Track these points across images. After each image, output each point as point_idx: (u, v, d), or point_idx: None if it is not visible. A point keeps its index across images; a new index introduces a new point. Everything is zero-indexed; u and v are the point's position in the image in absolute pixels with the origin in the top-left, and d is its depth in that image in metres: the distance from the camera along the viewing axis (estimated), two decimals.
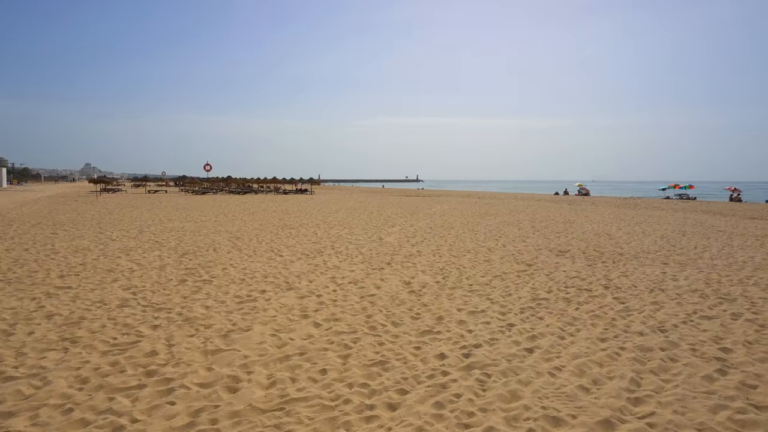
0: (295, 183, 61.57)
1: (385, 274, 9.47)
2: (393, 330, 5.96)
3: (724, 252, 12.75)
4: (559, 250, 12.90)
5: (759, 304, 7.32)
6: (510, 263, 10.74)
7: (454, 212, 26.96)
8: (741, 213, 29.25)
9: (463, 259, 11.19)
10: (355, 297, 7.63)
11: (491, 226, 18.94)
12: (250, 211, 26.29)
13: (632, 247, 13.56)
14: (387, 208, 29.72)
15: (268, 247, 12.86)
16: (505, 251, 12.51)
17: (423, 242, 14.14)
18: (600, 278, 9.15)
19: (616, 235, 16.57)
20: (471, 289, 8.20)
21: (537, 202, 41.15)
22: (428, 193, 67.88)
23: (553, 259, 11.32)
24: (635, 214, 26.98)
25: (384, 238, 14.93)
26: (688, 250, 13.10)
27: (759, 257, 11.94)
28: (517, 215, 25.10)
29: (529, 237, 15.64)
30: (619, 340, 5.62)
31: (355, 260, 11.00)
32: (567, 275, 9.42)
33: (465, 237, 15.46)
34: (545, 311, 6.82)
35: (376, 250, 12.46)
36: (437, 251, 12.42)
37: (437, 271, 9.73)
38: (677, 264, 10.85)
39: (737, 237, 16.43)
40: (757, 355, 5.12)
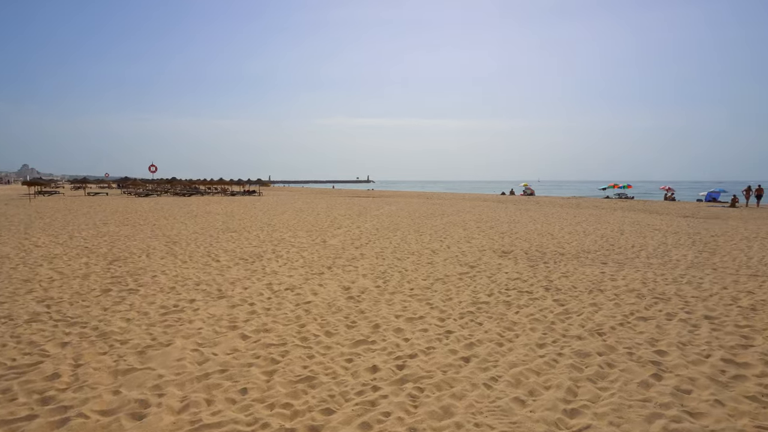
0: (242, 184, 59.99)
1: (324, 279, 9.10)
2: (326, 341, 5.61)
3: (659, 250, 13.10)
4: (503, 251, 12.90)
5: (692, 303, 7.43)
6: (453, 265, 10.60)
7: (401, 213, 26.84)
8: (675, 211, 30.57)
9: (406, 262, 10.96)
10: (290, 305, 7.23)
11: (437, 227, 18.88)
12: (193, 214, 25.25)
13: (573, 246, 13.75)
14: (334, 210, 29.29)
15: (205, 252, 12.22)
16: (449, 253, 12.38)
17: (367, 244, 13.85)
18: (541, 279, 9.12)
19: (558, 234, 16.82)
20: (411, 293, 7.96)
21: (484, 202, 41.72)
22: (378, 193, 67.78)
23: (496, 261, 11.26)
24: (577, 214, 27.69)
25: (328, 241, 14.54)
26: (626, 249, 13.40)
27: (691, 255, 12.32)
28: (463, 215, 25.24)
29: (474, 238, 15.63)
30: (557, 345, 5.49)
31: (296, 265, 10.57)
32: (509, 277, 9.35)
33: (410, 238, 15.28)
34: (485, 316, 6.65)
35: (318, 254, 12.06)
36: (381, 254, 12.15)
37: (379, 275, 9.45)
38: (615, 263, 11.01)
39: (671, 235, 17.01)
40: (690, 357, 5.09)
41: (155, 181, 58.84)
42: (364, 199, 45.26)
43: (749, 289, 8.50)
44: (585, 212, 29.36)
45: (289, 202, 39.57)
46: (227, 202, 39.37)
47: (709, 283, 8.90)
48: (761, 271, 10.23)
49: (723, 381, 4.51)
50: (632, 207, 35.35)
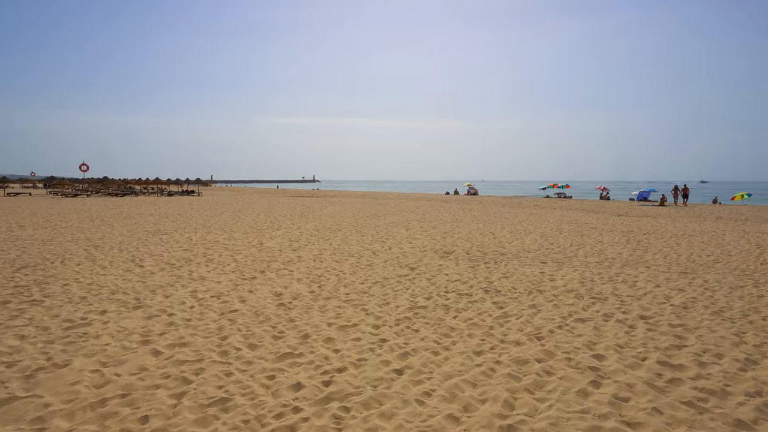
0: (180, 184, 57.70)
1: (255, 284, 8.54)
2: (248, 355, 5.11)
3: (596, 249, 13.31)
4: (444, 251, 12.72)
5: (627, 302, 7.42)
6: (393, 267, 10.28)
7: (345, 213, 26.39)
8: (610, 210, 31.68)
9: (344, 264, 10.54)
10: (214, 314, 6.66)
11: (380, 228, 18.57)
12: (122, 216, 23.80)
13: (514, 246, 13.76)
14: (276, 210, 28.48)
15: (129, 257, 11.34)
16: (390, 254, 12.07)
17: (306, 246, 13.33)
18: (481, 281, 8.94)
19: (499, 234, 16.88)
20: (347, 299, 7.55)
21: (428, 202, 41.90)
22: (323, 193, 66.98)
23: (437, 262, 11.04)
24: (518, 213, 28.16)
25: (265, 243, 13.91)
26: (565, 248, 13.53)
27: (626, 253, 12.57)
28: (407, 215, 25.09)
29: (416, 238, 15.41)
30: (495, 352, 5.24)
31: (227, 269, 9.94)
32: (449, 279, 9.11)
33: (351, 239, 14.88)
34: (422, 322, 6.33)
35: (252, 257, 11.44)
36: (319, 256, 11.68)
37: (314, 279, 8.99)
38: (554, 263, 11.03)
39: (607, 233, 17.44)
40: (628, 361, 4.96)
41: (86, 181, 55.61)
42: (308, 199, 44.47)
43: (680, 286, 8.63)
44: (526, 211, 29.93)
45: (230, 202, 38.28)
46: (163, 202, 37.61)
47: (644, 282, 8.99)
48: (690, 268, 10.49)
49: (660, 386, 4.37)
50: (570, 206, 36.43)
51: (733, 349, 5.32)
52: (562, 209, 32.70)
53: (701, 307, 7.18)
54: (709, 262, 11.31)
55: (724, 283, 8.98)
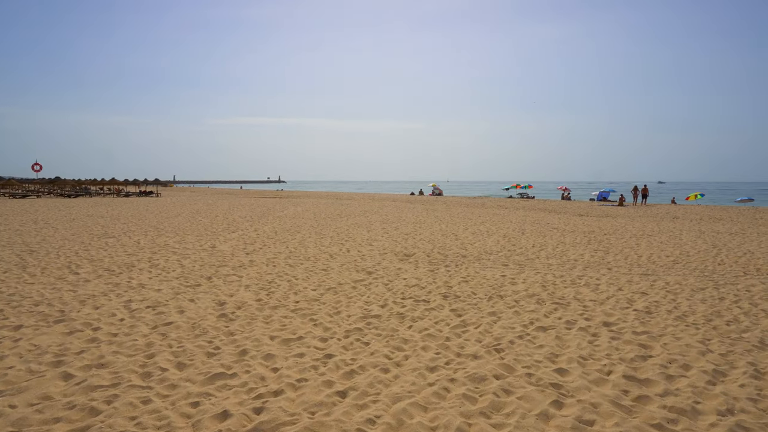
0: (138, 185, 55.65)
1: (199, 292, 7.89)
2: (173, 377, 4.52)
3: (558, 250, 13.12)
4: (405, 253, 12.29)
5: (590, 308, 7.12)
6: (349, 272, 9.77)
7: (306, 214, 25.72)
8: (571, 211, 31.97)
9: (298, 269, 9.97)
10: (146, 328, 6.01)
11: (341, 229, 18.02)
12: (71, 218, 22.53)
13: (476, 248, 13.45)
14: (235, 211, 27.56)
15: (65, 263, 10.47)
16: (348, 257, 11.55)
17: (261, 249, 12.68)
18: (440, 285, 8.52)
19: (462, 235, 16.58)
20: (296, 307, 7.00)
21: (393, 202, 41.54)
22: (287, 194, 65.84)
23: (396, 265, 10.59)
24: (482, 213, 28.05)
25: (217, 246, 13.18)
26: (527, 249, 13.30)
27: (588, 254, 12.40)
28: (370, 216, 24.61)
29: (376, 240, 14.94)
30: (450, 367, 4.80)
31: (170, 275, 9.23)
32: (407, 284, 8.66)
33: (309, 242, 14.29)
34: (374, 333, 5.85)
35: (201, 262, 10.74)
36: (273, 260, 11.07)
37: (264, 286, 8.39)
38: (516, 265, 10.73)
39: (569, 234, 17.37)
40: (592, 376, 4.59)
41: (36, 182, 53.00)
42: (270, 200, 43.48)
43: (642, 289, 8.42)
44: (489, 212, 29.87)
45: (189, 203, 37.01)
46: (118, 203, 36.06)
47: (606, 284, 8.75)
48: (651, 270, 10.35)
49: (626, 405, 4.01)
50: (533, 206, 36.65)
51: (699, 358, 5.03)
52: (524, 209, 32.83)
53: (664, 311, 6.94)
54: (668, 263, 11.22)
55: (685, 285, 8.82)
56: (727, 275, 9.79)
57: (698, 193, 45.27)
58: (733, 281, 9.19)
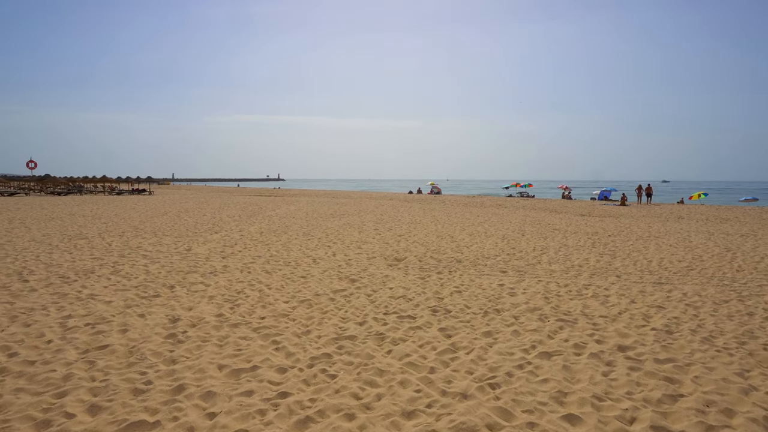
0: (131, 182, 54.60)
1: (154, 305, 6.93)
2: (77, 427, 3.55)
3: (561, 254, 12.16)
4: (395, 258, 11.33)
5: (601, 326, 6.15)
6: (330, 279, 8.80)
7: (299, 213, 24.75)
8: (572, 210, 31.01)
9: (275, 276, 9.01)
10: (74, 352, 5.04)
11: (331, 230, 17.05)
12: (50, 217, 21.54)
13: (473, 251, 12.48)
14: (225, 210, 26.58)
15: (17, 268, 9.48)
16: (332, 262, 10.59)
17: (240, 252, 11.72)
18: (430, 297, 7.55)
19: (458, 237, 15.62)
20: (260, 325, 6.03)
21: (390, 201, 40.58)
22: (283, 192, 64.86)
23: (383, 271, 9.63)
24: (480, 213, 27.09)
25: (194, 249, 12.22)
26: (527, 252, 12.34)
27: (593, 259, 11.44)
28: (364, 216, 23.64)
29: (367, 242, 13.98)
30: (432, 412, 3.83)
31: (130, 283, 8.27)
32: (392, 294, 7.70)
33: (294, 244, 13.33)
34: (344, 361, 4.88)
35: (170, 267, 9.78)
36: (250, 265, 10.10)
37: (231, 297, 7.43)
38: (516, 272, 9.77)
39: (571, 235, 16.41)
40: (611, 426, 3.63)
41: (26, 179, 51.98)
42: (264, 198, 42.51)
43: (658, 302, 7.45)
44: (488, 211, 28.91)
45: (180, 201, 36.03)
46: (106, 201, 35.07)
47: (616, 296, 7.79)
48: (664, 277, 9.40)
49: None
50: (533, 206, 35.69)
51: (742, 400, 4.07)
52: (524, 209, 31.87)
53: (687, 331, 5.97)
54: (682, 269, 10.26)
55: (705, 296, 7.85)
56: (749, 285, 8.82)
57: (702, 193, 44.28)
58: (758, 292, 8.22)
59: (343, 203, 35.38)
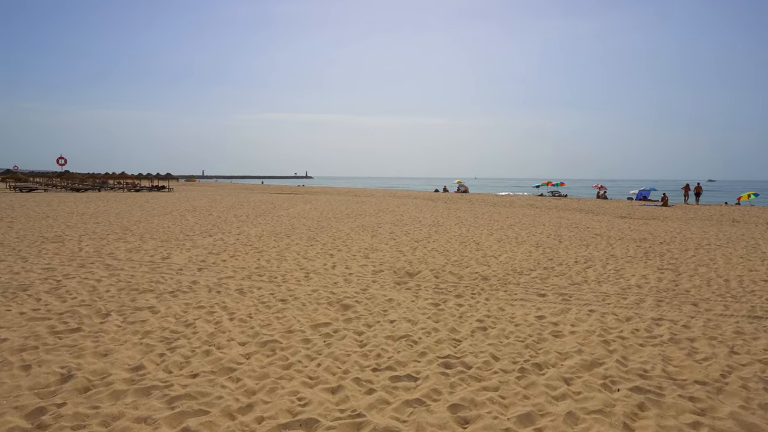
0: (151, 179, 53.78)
1: (59, 346, 5.02)
2: None
3: (610, 268, 9.93)
4: (407, 271, 9.30)
5: (703, 401, 3.99)
6: (317, 304, 6.82)
7: (312, 213, 22.90)
8: (611, 211, 28.41)
9: (247, 299, 7.07)
10: None
11: (341, 233, 15.09)
12: (44, 215, 20.21)
13: (502, 263, 10.35)
14: (236, 209, 24.92)
15: None
16: (327, 278, 8.61)
17: (222, 263, 9.86)
18: (443, 339, 5.47)
19: (485, 243, 13.47)
20: (183, 391, 4.06)
21: (414, 200, 38.50)
22: (306, 190, 63.33)
23: (388, 293, 7.60)
24: (510, 214, 24.80)
25: (173, 257, 10.42)
26: (569, 265, 10.15)
27: (653, 277, 9.18)
28: (382, 216, 21.64)
29: (378, 249, 11.97)
30: None
31: (58, 308, 6.43)
32: (392, 332, 5.66)
33: (292, 251, 11.40)
34: None
35: (127, 282, 7.96)
36: (224, 281, 8.21)
37: (172, 333, 5.50)
38: (558, 295, 7.62)
39: (617, 242, 14.09)
40: None
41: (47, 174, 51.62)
42: (283, 197, 40.89)
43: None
44: (519, 212, 26.57)
45: (194, 199, 34.67)
46: (120, 199, 33.93)
47: (705, 340, 5.58)
48: (758, 307, 7.11)
49: None
50: (567, 206, 33.12)
51: None
52: (558, 209, 29.39)
53: None
54: None
55: None
56: None
57: (752, 193, 40.80)
58: None
59: (364, 202, 33.46)
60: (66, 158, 52.54)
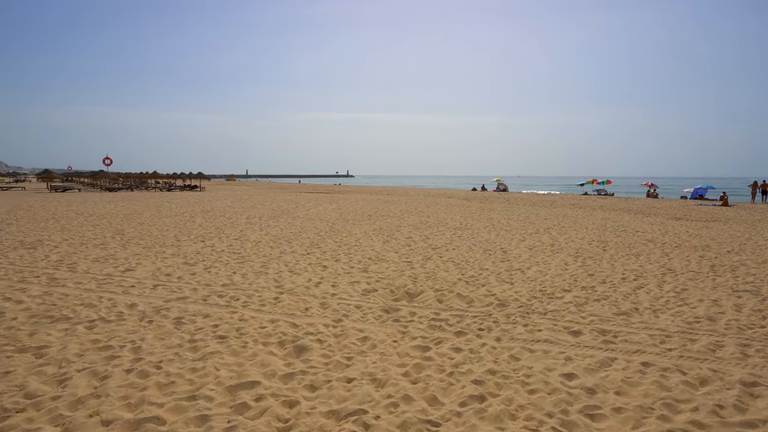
0: (183, 178, 53.62)
1: None
2: None
3: (668, 289, 7.76)
4: (407, 291, 7.44)
5: None
6: (266, 346, 5.05)
7: (330, 214, 21.27)
8: (663, 212, 25.59)
9: (177, 334, 5.37)
10: None
11: (351, 237, 13.32)
12: (50, 217, 19.41)
13: (528, 279, 8.33)
14: (254, 210, 23.58)
15: None
16: (301, 301, 6.83)
17: (187, 277, 8.26)
18: (409, 424, 3.59)
19: (513, 251, 11.43)
20: None
21: (448, 199, 36.42)
22: (340, 189, 61.99)
23: (366, 327, 5.76)
24: (549, 215, 22.45)
25: (136, 270, 8.92)
26: (615, 284, 8.04)
27: (728, 304, 6.97)
28: (406, 218, 19.76)
29: (384, 259, 10.15)
30: None
31: None
32: (337, 407, 3.80)
33: (279, 262, 9.72)
34: None
35: (42, 307, 6.43)
36: (166, 305, 6.56)
37: (5, 409, 3.85)
38: (598, 333, 5.58)
39: (674, 251, 11.77)
40: None
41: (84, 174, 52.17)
42: (311, 196, 39.54)
43: None
44: (559, 212, 24.16)
45: (218, 199, 33.74)
46: (145, 198, 33.34)
47: None
48: None
49: None
50: (613, 206, 30.32)
51: None
52: (603, 210, 26.75)
53: None
54: None
55: None
56: None
57: None
58: None
59: (393, 201, 31.65)
60: (112, 158, 53.00)
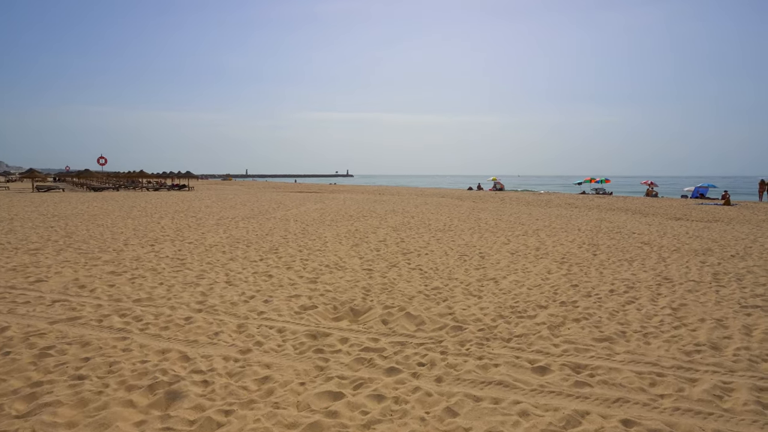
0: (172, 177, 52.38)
1: None
2: None
3: (663, 303, 6.54)
4: (352, 307, 6.23)
5: None
6: (130, 392, 3.84)
7: (312, 214, 20.06)
8: (662, 212, 24.37)
9: None
10: None
11: (318, 241, 12.10)
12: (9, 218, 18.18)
13: (501, 291, 7.11)
14: (235, 210, 22.38)
15: None
16: (216, 323, 5.62)
17: (111, 288, 7.06)
18: None
19: (493, 256, 10.23)
20: None
21: (440, 198, 35.23)
22: (333, 188, 60.74)
23: (277, 361, 4.55)
24: (541, 215, 21.24)
25: (50, 280, 7.72)
26: (600, 298, 6.82)
27: (735, 325, 5.75)
28: (389, 218, 18.54)
29: (343, 266, 8.94)
30: None
31: None
32: None
33: (226, 268, 8.52)
34: None
35: None
36: (48, 327, 5.36)
37: None
38: (570, 370, 4.37)
39: (672, 255, 10.56)
40: None
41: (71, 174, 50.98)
42: (299, 195, 38.35)
43: None
44: (553, 212, 22.94)
45: (200, 198, 32.57)
46: (124, 198, 32.15)
47: None
48: None
49: None
50: (611, 205, 29.10)
51: None
52: (599, 209, 25.53)
53: None
54: None
55: None
56: None
57: None
58: None
59: (382, 201, 30.45)
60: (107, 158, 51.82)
